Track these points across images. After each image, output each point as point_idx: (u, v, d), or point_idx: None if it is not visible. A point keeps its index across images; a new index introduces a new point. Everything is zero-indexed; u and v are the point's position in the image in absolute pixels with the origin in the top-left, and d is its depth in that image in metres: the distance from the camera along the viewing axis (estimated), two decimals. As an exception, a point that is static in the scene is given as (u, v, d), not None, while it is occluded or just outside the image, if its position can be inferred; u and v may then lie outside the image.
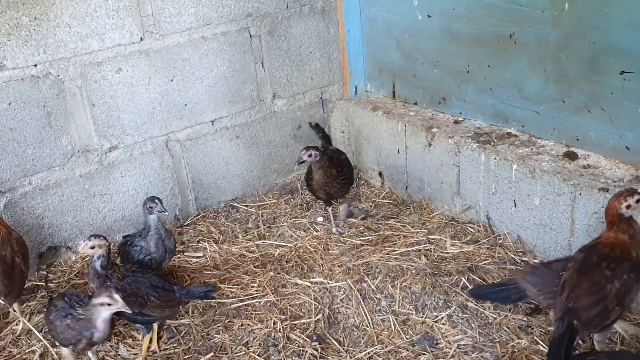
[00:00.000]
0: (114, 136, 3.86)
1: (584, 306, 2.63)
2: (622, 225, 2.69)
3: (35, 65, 3.48)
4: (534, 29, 3.44)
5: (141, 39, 3.77)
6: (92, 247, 2.91)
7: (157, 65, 3.87)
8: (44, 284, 3.66)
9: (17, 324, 3.29)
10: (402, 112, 4.31)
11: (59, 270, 3.78)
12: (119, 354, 3.10)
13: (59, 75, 3.57)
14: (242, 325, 3.24)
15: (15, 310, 3.31)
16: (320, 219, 4.23)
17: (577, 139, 3.48)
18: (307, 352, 3.03)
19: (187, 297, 3.07)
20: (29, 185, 3.64)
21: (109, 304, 2.64)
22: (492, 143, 3.73)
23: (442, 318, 3.20)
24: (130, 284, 2.94)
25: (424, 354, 2.99)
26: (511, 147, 3.65)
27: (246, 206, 4.45)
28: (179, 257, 3.84)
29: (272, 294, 3.44)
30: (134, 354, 3.08)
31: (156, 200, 3.27)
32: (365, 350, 3.04)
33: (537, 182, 3.41)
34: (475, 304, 3.25)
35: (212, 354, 3.05)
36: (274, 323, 3.23)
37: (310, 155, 3.69)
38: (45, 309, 3.01)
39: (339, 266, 3.66)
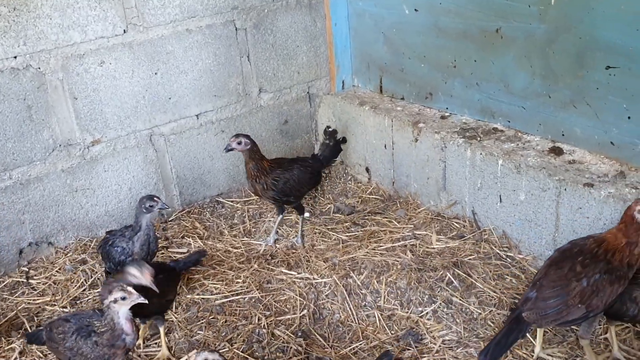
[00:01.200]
0: (96, 130, 3.80)
1: (544, 296, 2.63)
2: (630, 228, 2.61)
3: (15, 57, 3.42)
4: (521, 24, 3.43)
5: (124, 31, 3.71)
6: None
7: (141, 58, 3.81)
8: (25, 280, 3.60)
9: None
10: (389, 107, 4.29)
11: (41, 266, 3.72)
12: None
13: (39, 68, 3.51)
14: (226, 322, 3.21)
15: None
16: (307, 214, 4.19)
17: (563, 134, 3.48)
18: (291, 348, 3.01)
19: (182, 268, 3.10)
20: (9, 180, 3.58)
21: (123, 298, 2.45)
22: (478, 138, 3.72)
23: (427, 313, 3.19)
24: None
25: (408, 349, 2.98)
26: (497, 143, 3.65)
27: (232, 202, 4.41)
28: (163, 253, 3.79)
29: (257, 290, 3.42)
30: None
31: (155, 199, 3.14)
32: (350, 346, 3.02)
33: (523, 178, 3.40)
34: (461, 300, 3.24)
35: (195, 350, 3.00)
36: (258, 319, 3.20)
37: (239, 143, 3.54)
38: (49, 342, 2.71)
39: (324, 262, 3.64)
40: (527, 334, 2.87)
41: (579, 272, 2.61)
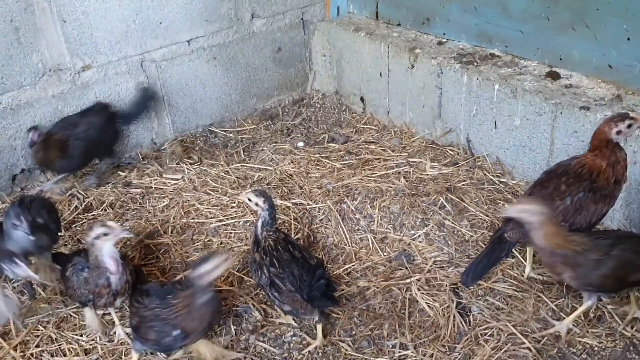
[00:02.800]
0: (87, 55, 3.72)
1: None
2: (606, 151, 2.59)
3: (-1, -24, 3.30)
4: (522, -58, 3.32)
5: (111, -50, 3.58)
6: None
7: (130, -21, 3.69)
8: (19, 205, 3.60)
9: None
10: (385, 34, 4.20)
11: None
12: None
13: (25, -12, 3.40)
14: (221, 244, 3.25)
15: None
16: (300, 144, 4.18)
17: (560, 59, 3.43)
18: (285, 268, 3.05)
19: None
20: (-1, 105, 3.53)
21: (105, 234, 2.36)
22: (475, 64, 3.67)
23: (419, 236, 3.23)
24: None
25: (400, 269, 3.03)
26: (494, 68, 3.59)
27: (225, 131, 4.38)
28: (157, 179, 3.79)
29: (252, 214, 3.43)
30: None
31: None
32: (343, 267, 3.07)
33: (519, 102, 3.37)
34: (453, 223, 3.27)
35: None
36: (253, 241, 3.24)
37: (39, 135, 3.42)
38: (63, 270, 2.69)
39: (318, 188, 3.65)
40: (511, 253, 2.90)
41: (563, 191, 2.62)
